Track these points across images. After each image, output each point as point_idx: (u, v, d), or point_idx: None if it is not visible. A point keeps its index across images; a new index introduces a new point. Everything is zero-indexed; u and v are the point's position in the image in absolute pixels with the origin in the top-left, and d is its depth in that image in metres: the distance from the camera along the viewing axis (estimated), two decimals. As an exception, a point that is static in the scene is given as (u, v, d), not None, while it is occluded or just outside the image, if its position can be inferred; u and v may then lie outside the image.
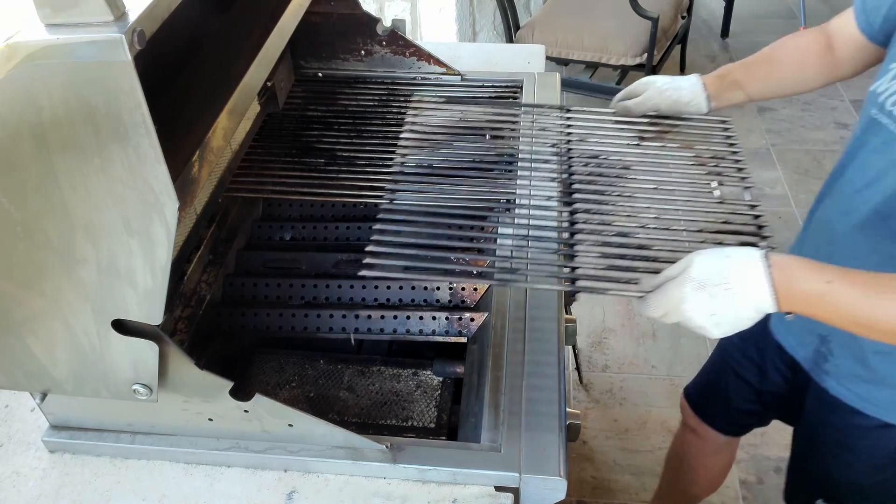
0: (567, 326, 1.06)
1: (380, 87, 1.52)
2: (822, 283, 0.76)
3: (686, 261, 0.81)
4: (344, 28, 1.50)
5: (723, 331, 0.79)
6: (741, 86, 1.16)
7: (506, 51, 1.73)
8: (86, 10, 0.61)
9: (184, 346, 1.08)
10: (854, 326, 0.78)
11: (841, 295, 0.76)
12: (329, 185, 1.27)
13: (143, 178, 0.67)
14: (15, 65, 0.61)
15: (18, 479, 0.92)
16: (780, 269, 0.77)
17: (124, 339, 0.79)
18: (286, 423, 0.88)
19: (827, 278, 0.76)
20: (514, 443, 0.89)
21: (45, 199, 0.69)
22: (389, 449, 0.88)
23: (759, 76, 1.16)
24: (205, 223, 1.21)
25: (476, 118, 1.25)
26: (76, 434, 0.95)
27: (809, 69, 1.16)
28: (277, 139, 1.40)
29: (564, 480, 0.86)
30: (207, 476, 0.91)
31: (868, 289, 0.76)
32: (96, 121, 0.64)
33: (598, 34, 2.89)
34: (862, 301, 0.75)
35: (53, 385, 0.86)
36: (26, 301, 0.77)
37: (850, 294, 0.76)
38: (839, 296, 0.76)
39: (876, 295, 0.75)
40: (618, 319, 2.38)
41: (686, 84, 1.17)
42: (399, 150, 1.18)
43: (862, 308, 0.75)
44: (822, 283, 0.76)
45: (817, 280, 0.76)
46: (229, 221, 1.31)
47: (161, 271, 0.73)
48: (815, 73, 1.16)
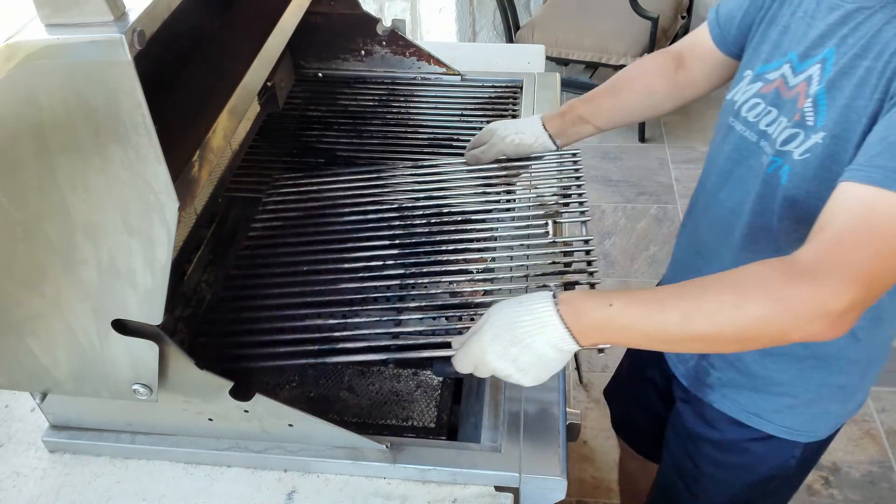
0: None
1: (380, 87, 1.52)
2: (605, 309, 0.75)
3: (486, 314, 0.82)
4: (344, 28, 1.50)
5: (532, 377, 0.80)
6: (587, 120, 1.17)
7: (506, 51, 1.73)
8: (86, 10, 0.61)
9: (184, 346, 1.08)
10: (653, 343, 0.78)
11: (625, 315, 0.75)
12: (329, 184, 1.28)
13: (143, 178, 0.67)
14: (15, 65, 0.61)
15: (18, 479, 0.92)
16: (567, 304, 0.77)
17: (124, 339, 0.79)
18: (286, 423, 0.88)
19: (608, 302, 0.76)
20: (514, 443, 0.89)
21: (46, 200, 0.69)
22: (389, 449, 0.88)
23: (605, 108, 1.17)
24: (205, 223, 1.21)
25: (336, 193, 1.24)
26: (76, 434, 0.95)
27: (658, 93, 1.17)
28: (277, 139, 1.41)
29: (564, 480, 0.86)
30: (207, 476, 0.91)
31: (648, 304, 0.75)
32: (96, 121, 0.64)
33: (598, 34, 2.89)
34: (647, 316, 0.75)
35: (53, 385, 0.86)
36: (26, 301, 0.77)
37: (634, 311, 0.75)
38: (624, 316, 0.75)
39: (657, 307, 0.74)
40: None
41: (528, 128, 1.18)
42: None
43: (649, 322, 0.75)
44: (605, 308, 0.76)
45: (601, 306, 0.76)
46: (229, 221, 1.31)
47: (161, 271, 0.73)
48: (666, 96, 1.17)
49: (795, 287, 0.70)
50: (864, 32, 0.82)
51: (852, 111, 0.81)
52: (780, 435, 1.04)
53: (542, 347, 0.77)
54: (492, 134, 1.21)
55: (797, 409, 1.02)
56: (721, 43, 1.08)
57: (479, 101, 1.49)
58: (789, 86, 0.91)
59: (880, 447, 1.97)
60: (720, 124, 1.03)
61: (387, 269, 1.06)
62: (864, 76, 0.80)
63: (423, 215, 1.15)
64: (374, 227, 1.14)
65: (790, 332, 0.72)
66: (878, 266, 0.70)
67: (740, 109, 0.98)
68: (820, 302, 0.70)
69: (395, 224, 1.14)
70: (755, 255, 0.96)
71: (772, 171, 0.91)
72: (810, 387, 1.00)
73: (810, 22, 0.90)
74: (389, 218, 1.15)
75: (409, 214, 1.15)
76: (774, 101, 0.93)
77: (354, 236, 1.12)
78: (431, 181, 1.22)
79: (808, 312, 0.71)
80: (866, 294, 0.71)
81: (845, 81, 0.82)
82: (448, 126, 1.41)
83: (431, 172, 1.24)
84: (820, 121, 0.84)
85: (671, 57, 1.16)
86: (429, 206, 1.16)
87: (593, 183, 2.91)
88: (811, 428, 1.04)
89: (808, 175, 0.85)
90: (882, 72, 0.78)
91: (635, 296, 0.77)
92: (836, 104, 0.83)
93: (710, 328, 0.73)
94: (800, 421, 1.03)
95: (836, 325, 0.71)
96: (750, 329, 0.72)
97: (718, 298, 0.73)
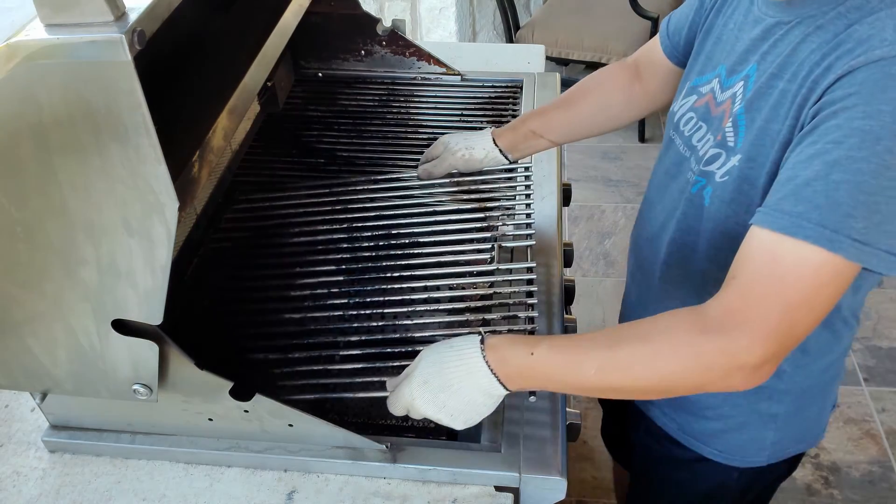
0: (567, 326, 1.06)
1: (380, 87, 1.53)
2: (527, 357, 0.75)
3: (418, 357, 0.82)
4: (344, 28, 1.50)
5: (462, 421, 0.80)
6: (539, 134, 1.13)
7: (506, 51, 1.73)
8: (86, 10, 0.61)
9: (183, 346, 1.08)
10: (576, 391, 0.78)
11: (546, 364, 0.75)
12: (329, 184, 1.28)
13: (144, 179, 0.67)
14: (15, 65, 0.61)
15: (18, 479, 0.92)
16: (493, 350, 0.77)
17: (124, 339, 0.79)
18: (286, 423, 0.88)
19: (530, 350, 0.75)
20: (514, 443, 0.89)
21: (46, 200, 0.69)
22: (389, 449, 0.88)
23: (557, 121, 1.13)
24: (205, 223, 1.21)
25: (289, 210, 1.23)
26: (76, 434, 0.95)
27: (614, 106, 1.13)
28: (277, 139, 1.41)
29: (564, 480, 0.86)
30: (207, 476, 0.92)
31: (568, 354, 0.75)
32: (96, 121, 0.64)
33: (598, 34, 2.89)
34: (565, 367, 0.75)
35: (53, 385, 0.86)
36: (27, 301, 0.77)
37: (554, 361, 0.75)
38: (545, 365, 0.75)
39: (575, 359, 0.74)
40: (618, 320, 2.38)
41: (478, 142, 1.15)
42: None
43: (567, 373, 0.75)
44: (527, 356, 0.75)
45: (523, 354, 0.75)
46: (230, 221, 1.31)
47: (161, 271, 0.73)
48: (623, 108, 1.13)
49: (705, 343, 0.69)
50: (781, 49, 0.77)
51: (766, 135, 0.77)
52: (713, 458, 1.01)
53: (470, 393, 0.77)
54: (444, 147, 1.18)
55: (728, 434, 0.99)
56: (671, 54, 1.05)
57: (479, 101, 1.49)
58: (717, 101, 0.87)
59: (880, 447, 1.97)
60: (664, 135, 1.00)
61: (331, 299, 1.05)
62: (779, 98, 0.75)
63: (372, 237, 1.14)
64: (322, 249, 1.13)
65: (705, 385, 0.72)
66: (787, 318, 0.68)
67: (679, 122, 0.94)
68: (731, 357, 0.69)
69: (344, 247, 1.13)
70: (679, 275, 0.94)
71: (696, 191, 0.88)
72: (738, 412, 0.97)
73: (738, 35, 0.86)
74: (338, 240, 1.14)
75: (357, 236, 1.14)
76: (705, 116, 0.89)
77: (302, 260, 1.12)
78: (384, 196, 1.21)
79: (720, 368, 0.69)
80: (779, 347, 0.69)
81: (762, 102, 0.78)
82: (448, 126, 1.41)
83: (385, 188, 1.23)
84: (739, 142, 0.80)
85: (627, 69, 1.13)
86: (378, 226, 1.15)
87: (593, 183, 2.91)
88: (745, 454, 1.00)
89: (727, 198, 0.82)
90: (795, 95, 0.73)
91: (558, 344, 0.76)
92: (753, 126, 0.79)
93: (627, 381, 0.73)
94: (731, 446, 1.00)
95: (753, 378, 0.70)
96: (665, 382, 0.72)
97: (632, 352, 0.72)
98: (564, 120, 1.14)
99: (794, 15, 0.76)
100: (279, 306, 1.05)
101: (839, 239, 0.65)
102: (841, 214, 0.65)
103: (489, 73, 1.54)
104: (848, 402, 2.07)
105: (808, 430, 1.02)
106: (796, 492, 1.87)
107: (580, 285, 1.23)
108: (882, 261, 0.66)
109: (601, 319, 2.39)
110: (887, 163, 0.64)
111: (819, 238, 0.66)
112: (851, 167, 0.64)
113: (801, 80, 0.72)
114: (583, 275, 2.54)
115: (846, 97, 0.66)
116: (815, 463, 1.94)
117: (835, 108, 0.67)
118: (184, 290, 1.08)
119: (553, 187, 1.27)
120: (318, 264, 1.10)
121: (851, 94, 0.66)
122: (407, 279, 1.06)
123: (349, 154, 1.37)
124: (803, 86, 0.72)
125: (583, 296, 2.40)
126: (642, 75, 1.11)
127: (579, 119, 1.14)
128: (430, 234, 1.12)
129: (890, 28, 0.66)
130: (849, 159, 0.65)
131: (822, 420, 1.03)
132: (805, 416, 0.99)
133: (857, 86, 0.66)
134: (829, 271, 0.67)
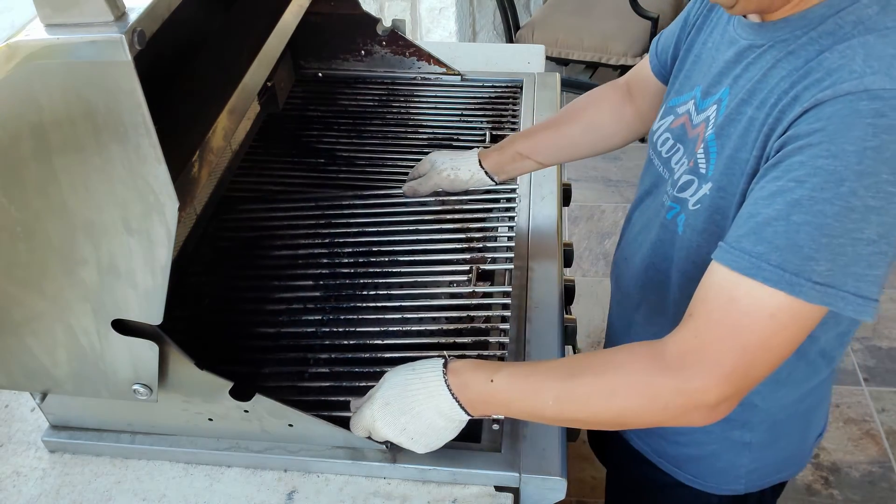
0: (567, 326, 1.06)
1: (380, 87, 1.53)
2: (486, 384, 0.75)
3: (382, 379, 0.82)
4: (344, 28, 1.50)
5: (424, 444, 0.80)
6: (526, 156, 1.11)
7: (506, 51, 1.73)
8: (86, 10, 0.61)
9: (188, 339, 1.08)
10: (536, 419, 0.78)
11: (505, 392, 0.75)
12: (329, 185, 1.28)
13: (143, 178, 0.67)
14: (15, 65, 0.61)
15: (18, 479, 0.92)
16: (455, 374, 0.76)
17: (124, 339, 0.79)
18: (286, 423, 0.88)
19: (490, 377, 0.75)
20: (514, 443, 0.89)
21: (46, 200, 0.69)
22: (389, 449, 0.88)
23: (546, 144, 1.11)
24: (205, 223, 1.21)
25: (273, 223, 1.22)
26: (76, 434, 0.95)
27: (606, 127, 1.10)
28: (277, 139, 1.41)
29: (564, 480, 0.86)
30: (207, 476, 0.91)
31: (527, 382, 0.75)
32: (96, 121, 0.64)
33: (598, 34, 2.89)
34: (524, 396, 0.74)
35: (53, 385, 0.86)
36: (27, 301, 0.77)
37: (514, 388, 0.75)
38: (504, 392, 0.75)
39: (533, 388, 0.74)
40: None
41: (464, 163, 1.14)
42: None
43: (526, 402, 0.75)
44: (486, 383, 0.75)
45: (483, 381, 0.75)
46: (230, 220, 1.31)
47: (161, 271, 0.73)
48: (615, 130, 1.11)
49: (661, 382, 0.69)
50: (752, 74, 0.74)
51: (735, 164, 0.74)
52: (689, 483, 1.00)
53: (431, 416, 0.77)
54: (430, 166, 1.17)
55: (703, 461, 0.97)
56: (659, 73, 1.02)
57: (479, 101, 1.49)
58: (693, 124, 0.85)
59: (880, 447, 1.97)
60: (648, 153, 0.97)
61: (306, 314, 1.05)
62: (748, 126, 0.73)
63: (352, 253, 1.14)
64: (303, 263, 1.13)
65: (664, 421, 0.71)
66: (743, 360, 0.67)
67: (657, 142, 0.93)
68: (687, 397, 0.68)
69: (324, 262, 1.13)
70: (656, 302, 0.93)
71: (670, 218, 0.86)
72: (711, 439, 0.95)
73: (714, 55, 0.83)
74: (319, 255, 1.14)
75: (338, 252, 1.14)
76: (681, 137, 0.87)
77: (281, 273, 1.12)
78: (367, 213, 1.20)
79: (676, 407, 0.69)
80: (735, 389, 0.68)
81: (732, 129, 0.75)
82: (448, 126, 1.42)
83: (370, 203, 1.22)
84: (710, 170, 0.78)
85: (619, 89, 1.11)
86: (359, 242, 1.15)
87: (593, 183, 2.91)
88: (721, 482, 0.98)
89: (699, 227, 0.80)
90: (762, 124, 0.70)
91: (518, 372, 0.76)
92: (723, 153, 0.76)
93: (584, 414, 0.73)
94: (706, 472, 0.98)
95: (711, 415, 0.70)
96: (622, 417, 0.72)
97: (589, 385, 0.72)
98: (552, 141, 1.11)
99: (767, 38, 0.74)
100: (254, 319, 1.05)
101: (799, 282, 0.63)
102: (802, 257, 0.63)
103: (489, 73, 1.54)
104: (848, 402, 2.07)
105: (787, 459, 0.99)
106: (796, 492, 1.87)
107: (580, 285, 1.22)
108: (849, 303, 0.64)
109: (601, 319, 2.39)
110: (851, 205, 0.62)
111: (778, 281, 0.64)
112: (813, 208, 0.63)
113: (769, 109, 0.70)
114: (583, 275, 2.54)
115: (812, 133, 0.64)
116: (815, 463, 1.94)
117: (800, 144, 0.65)
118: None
119: (553, 187, 1.27)
120: (296, 278, 1.10)
121: (817, 130, 0.64)
122: (382, 298, 1.06)
123: (349, 154, 1.37)
124: (770, 115, 0.70)
125: (583, 296, 2.40)
126: (634, 95, 1.09)
127: (568, 140, 1.12)
128: (410, 253, 1.12)
129: (860, 59, 0.64)
130: (811, 200, 0.63)
131: (803, 448, 1.00)
132: (783, 445, 0.96)
133: (824, 121, 0.63)
134: (788, 314, 0.65)
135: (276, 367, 0.98)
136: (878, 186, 0.61)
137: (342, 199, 1.24)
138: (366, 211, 1.21)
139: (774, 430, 0.93)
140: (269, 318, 1.05)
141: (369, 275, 1.10)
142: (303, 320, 1.04)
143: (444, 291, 1.06)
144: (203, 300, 1.09)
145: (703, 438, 0.95)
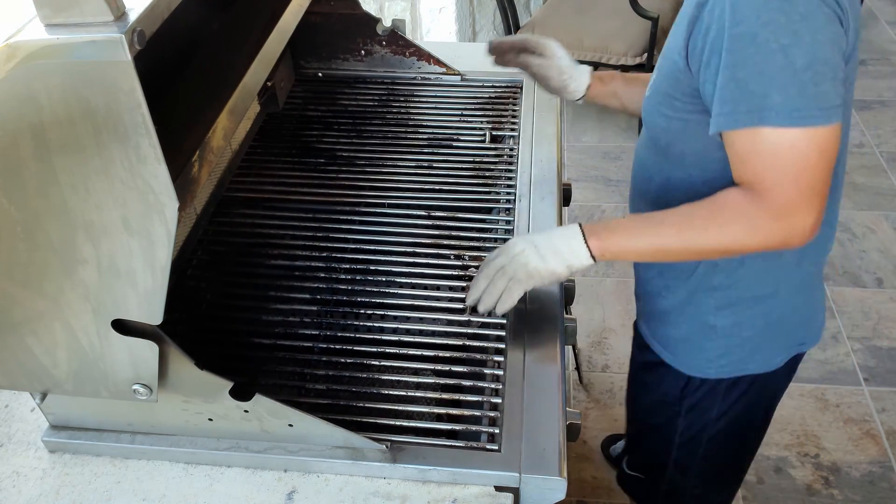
0: (567, 326, 1.06)
1: (380, 87, 1.53)
2: (616, 219, 0.95)
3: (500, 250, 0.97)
4: (344, 28, 1.50)
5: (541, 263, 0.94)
6: (618, 97, 1.21)
7: (506, 51, 1.72)
8: (86, 10, 0.61)
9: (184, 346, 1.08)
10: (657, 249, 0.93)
11: (632, 223, 0.94)
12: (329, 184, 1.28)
13: (143, 178, 0.67)
14: (15, 65, 0.61)
15: (18, 479, 0.92)
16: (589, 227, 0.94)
17: (124, 339, 0.79)
18: (286, 423, 0.88)
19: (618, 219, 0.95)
20: (514, 443, 0.89)
21: (46, 200, 0.69)
22: (389, 449, 0.88)
23: (638, 94, 1.16)
24: (205, 223, 1.21)
25: (271, 231, 1.23)
26: (76, 434, 0.95)
27: None
28: (277, 139, 1.41)
29: (564, 480, 0.86)
30: (207, 476, 0.92)
31: (652, 218, 0.93)
32: (96, 121, 0.64)
33: (598, 34, 2.89)
34: (650, 225, 0.93)
35: (53, 385, 0.86)
36: (27, 301, 0.77)
37: (638, 221, 0.95)
38: (632, 223, 0.94)
39: (657, 219, 0.92)
40: (618, 319, 2.38)
41: (577, 74, 1.21)
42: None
43: (651, 228, 0.92)
44: (616, 219, 0.95)
45: (613, 220, 0.95)
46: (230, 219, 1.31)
47: (161, 271, 0.73)
48: None
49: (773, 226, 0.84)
50: None
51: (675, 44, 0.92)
52: (670, 363, 1.14)
53: (558, 242, 0.94)
54: (553, 57, 1.21)
55: (680, 343, 1.12)
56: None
57: (479, 101, 1.49)
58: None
59: (880, 447, 1.97)
60: None
61: (303, 328, 1.05)
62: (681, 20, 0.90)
63: (350, 270, 1.13)
64: (299, 275, 1.13)
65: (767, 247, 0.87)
66: (826, 181, 0.83)
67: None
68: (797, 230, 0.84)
69: (321, 276, 1.13)
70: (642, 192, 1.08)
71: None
72: (685, 321, 1.09)
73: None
74: (316, 268, 1.14)
75: (335, 267, 1.14)
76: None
77: (278, 284, 1.11)
78: (366, 230, 1.20)
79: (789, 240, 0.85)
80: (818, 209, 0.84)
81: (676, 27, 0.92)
82: (448, 126, 1.42)
83: (367, 221, 1.22)
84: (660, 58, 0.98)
85: None
86: (357, 259, 1.15)
87: (593, 183, 2.91)
88: (693, 365, 1.12)
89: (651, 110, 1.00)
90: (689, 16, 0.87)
91: (640, 216, 0.98)
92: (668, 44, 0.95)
93: (702, 241, 0.89)
94: (682, 353, 1.12)
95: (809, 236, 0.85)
96: (734, 245, 0.88)
97: (705, 219, 0.88)
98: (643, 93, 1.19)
99: None
100: (249, 329, 1.05)
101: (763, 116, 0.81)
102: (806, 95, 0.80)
103: (489, 73, 1.54)
104: (848, 402, 2.07)
105: (755, 351, 1.09)
106: (796, 492, 1.87)
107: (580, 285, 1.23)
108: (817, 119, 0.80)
109: (601, 319, 2.39)
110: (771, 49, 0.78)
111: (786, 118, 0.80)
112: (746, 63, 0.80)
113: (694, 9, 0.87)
114: (583, 275, 2.53)
115: (721, 14, 0.81)
116: (815, 463, 1.94)
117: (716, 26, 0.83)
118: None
119: (553, 187, 1.27)
120: (293, 290, 1.10)
121: (723, 10, 0.81)
122: (379, 318, 1.06)
123: (349, 154, 1.37)
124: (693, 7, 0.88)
125: (583, 296, 2.40)
126: None
127: None
128: (408, 275, 1.12)
129: None
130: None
131: (772, 349, 1.10)
132: (746, 335, 1.07)
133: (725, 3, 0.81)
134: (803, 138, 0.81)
135: (275, 380, 0.99)
136: (781, 29, 0.78)
137: (340, 214, 1.24)
138: (363, 228, 1.21)
139: (736, 315, 1.06)
140: (265, 329, 1.05)
141: (367, 293, 1.10)
142: (299, 334, 1.04)
143: (440, 295, 1.06)
144: (200, 305, 1.08)
145: (678, 319, 1.11)
